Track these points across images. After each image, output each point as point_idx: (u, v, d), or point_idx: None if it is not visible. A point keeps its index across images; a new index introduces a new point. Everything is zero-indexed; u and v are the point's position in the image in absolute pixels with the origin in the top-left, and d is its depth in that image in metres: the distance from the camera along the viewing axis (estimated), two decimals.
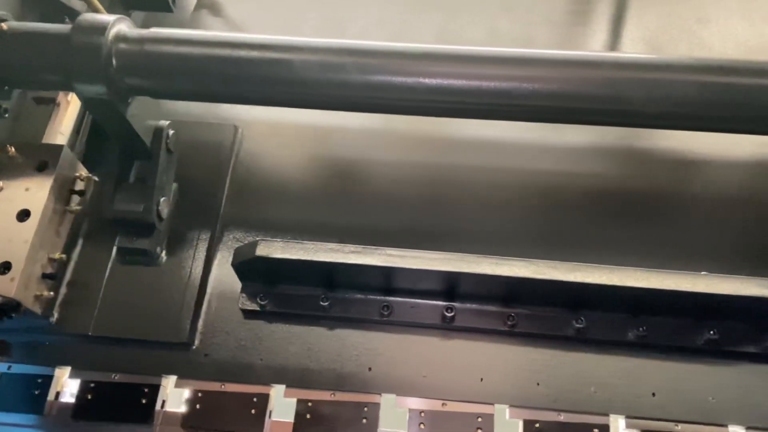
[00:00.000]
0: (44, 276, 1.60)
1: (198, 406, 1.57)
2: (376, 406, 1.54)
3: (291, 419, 1.55)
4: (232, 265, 1.63)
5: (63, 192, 1.67)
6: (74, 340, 1.65)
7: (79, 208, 1.71)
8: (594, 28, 2.14)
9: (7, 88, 1.66)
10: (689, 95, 1.45)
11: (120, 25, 1.53)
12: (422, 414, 1.54)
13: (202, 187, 1.82)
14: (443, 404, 1.54)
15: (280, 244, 1.56)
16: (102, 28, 1.49)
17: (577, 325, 1.56)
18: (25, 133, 1.80)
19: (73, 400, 1.61)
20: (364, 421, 1.53)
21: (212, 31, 1.92)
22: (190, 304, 1.65)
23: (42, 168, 1.62)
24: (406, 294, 1.62)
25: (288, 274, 1.62)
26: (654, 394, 1.53)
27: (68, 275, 1.69)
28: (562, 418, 1.52)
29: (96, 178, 1.76)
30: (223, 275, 1.72)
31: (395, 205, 1.81)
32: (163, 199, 1.70)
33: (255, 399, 1.57)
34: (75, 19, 1.53)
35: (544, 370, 1.56)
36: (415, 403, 1.55)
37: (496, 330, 1.59)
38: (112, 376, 1.62)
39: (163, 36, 1.55)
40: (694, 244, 1.71)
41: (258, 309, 1.64)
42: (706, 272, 1.51)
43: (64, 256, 1.66)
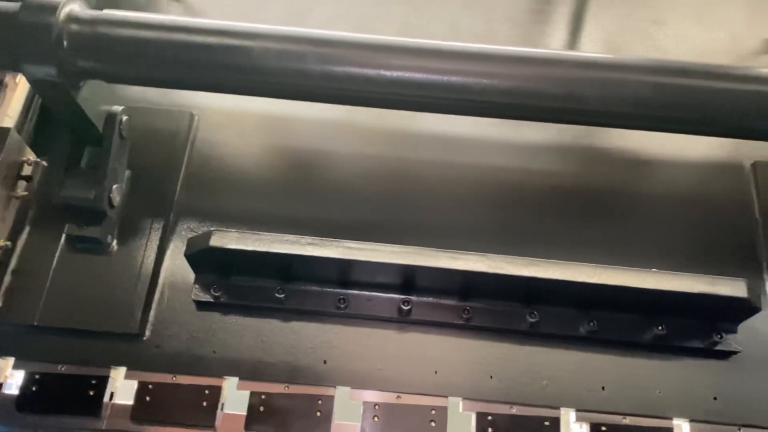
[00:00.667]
0: None
1: (148, 399, 1.54)
2: (330, 399, 1.54)
3: (244, 412, 1.53)
4: (186, 256, 1.59)
5: (9, 177, 1.62)
6: (19, 330, 1.60)
7: (26, 194, 1.66)
8: (554, 27, 2.18)
9: None
10: (644, 95, 1.47)
11: (72, 5, 1.48)
12: (377, 407, 1.54)
13: (156, 175, 1.78)
14: (398, 397, 1.55)
15: (235, 235, 1.54)
16: (52, 7, 1.44)
17: (531, 320, 1.58)
18: None
19: (17, 392, 1.55)
20: (318, 414, 1.52)
21: (169, 15, 1.87)
22: (142, 294, 1.61)
23: None
24: (363, 287, 1.61)
25: (243, 266, 1.59)
26: (603, 388, 1.56)
27: (13, 263, 1.64)
28: (515, 411, 1.54)
29: (45, 163, 1.71)
30: (176, 266, 1.68)
31: (354, 198, 1.80)
32: (115, 187, 1.65)
33: (207, 391, 1.54)
34: None
35: (498, 364, 1.58)
36: (370, 396, 1.55)
37: (452, 323, 1.60)
38: (59, 367, 1.57)
39: (117, 18, 1.50)
40: (646, 241, 1.75)
41: (212, 300, 1.62)
42: (655, 269, 1.54)
43: (9, 243, 1.61)
